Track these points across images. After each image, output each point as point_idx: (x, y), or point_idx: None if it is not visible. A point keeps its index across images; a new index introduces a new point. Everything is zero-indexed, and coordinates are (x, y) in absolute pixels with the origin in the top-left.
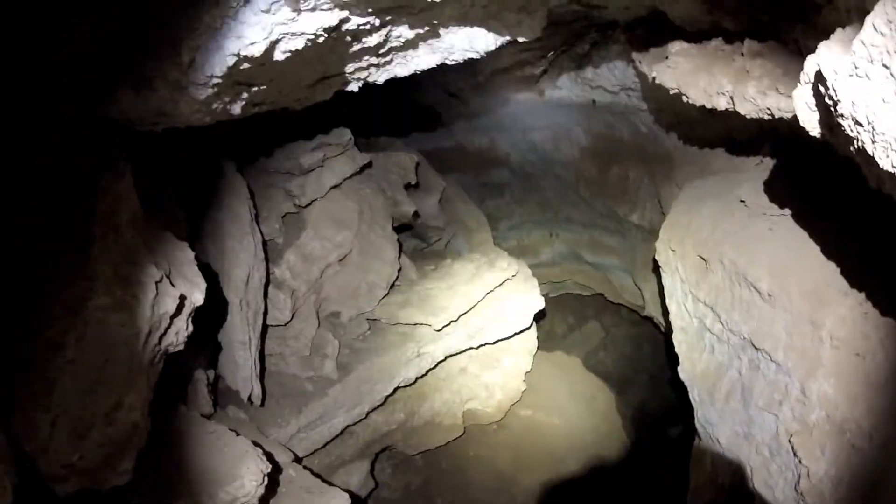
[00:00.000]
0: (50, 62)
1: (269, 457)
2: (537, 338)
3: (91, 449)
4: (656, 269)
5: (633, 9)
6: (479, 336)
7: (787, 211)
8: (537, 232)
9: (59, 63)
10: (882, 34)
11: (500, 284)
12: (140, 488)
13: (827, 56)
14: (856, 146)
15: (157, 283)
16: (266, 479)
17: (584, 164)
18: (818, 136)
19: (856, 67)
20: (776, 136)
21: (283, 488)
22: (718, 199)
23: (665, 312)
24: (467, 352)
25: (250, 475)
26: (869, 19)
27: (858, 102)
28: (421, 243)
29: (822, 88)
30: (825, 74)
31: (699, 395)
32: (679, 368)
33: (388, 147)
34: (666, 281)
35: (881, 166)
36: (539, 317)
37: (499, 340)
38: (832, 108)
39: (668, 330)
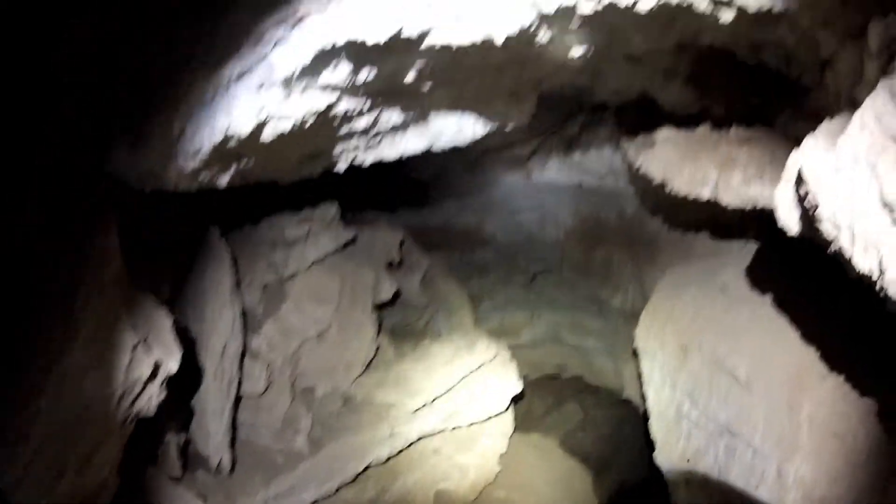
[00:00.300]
0: (53, 114)
1: None
2: (515, 418)
3: (62, 494)
4: (636, 353)
5: (624, 93)
6: (454, 418)
7: (769, 296)
8: (519, 313)
9: (59, 117)
10: (871, 132)
11: (478, 368)
12: None
13: (810, 153)
14: (835, 248)
15: (133, 347)
16: None
17: (568, 246)
18: (797, 235)
19: (838, 167)
20: (760, 219)
21: None
22: (700, 285)
23: (643, 397)
24: (441, 433)
25: None
26: (857, 116)
27: (840, 206)
28: (401, 321)
29: (802, 190)
30: (806, 177)
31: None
32: (655, 454)
33: (373, 222)
34: (644, 366)
35: (858, 269)
36: (518, 398)
37: (473, 423)
38: (812, 211)
39: (646, 415)
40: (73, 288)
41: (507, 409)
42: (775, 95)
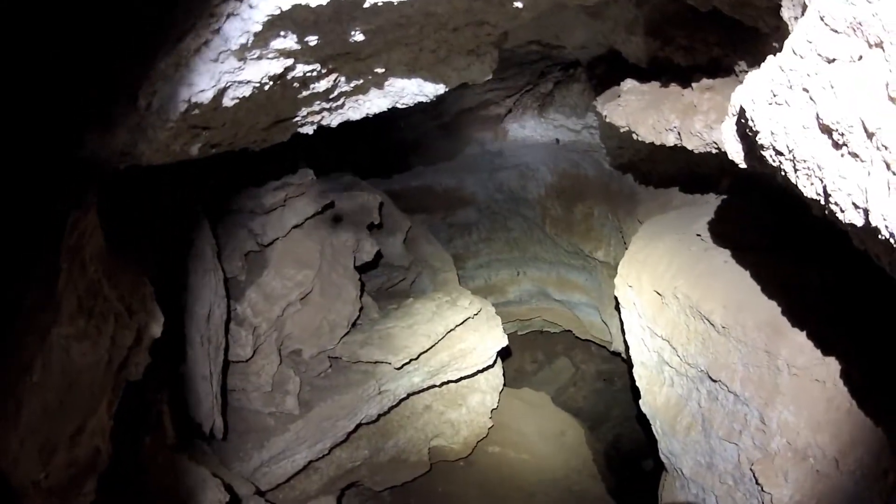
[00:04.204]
0: (23, 106)
1: (229, 488)
2: (506, 375)
3: (57, 469)
4: (617, 304)
5: (591, 48)
6: (441, 374)
7: (743, 243)
8: (505, 271)
9: (31, 105)
10: (801, 56)
11: (462, 323)
12: None
13: (750, 86)
14: (780, 175)
15: (116, 315)
16: None
17: (549, 202)
18: (746, 167)
19: (774, 95)
20: (735, 169)
21: None
22: (675, 233)
23: (626, 347)
24: (431, 390)
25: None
26: (788, 42)
27: (777, 131)
28: (385, 283)
29: (743, 120)
30: (745, 107)
31: (661, 427)
32: (640, 402)
33: (352, 187)
34: (624, 317)
35: (805, 195)
36: (507, 355)
37: (461, 378)
38: (754, 139)
39: (631, 364)
40: (55, 266)
41: (495, 363)
42: (736, 44)
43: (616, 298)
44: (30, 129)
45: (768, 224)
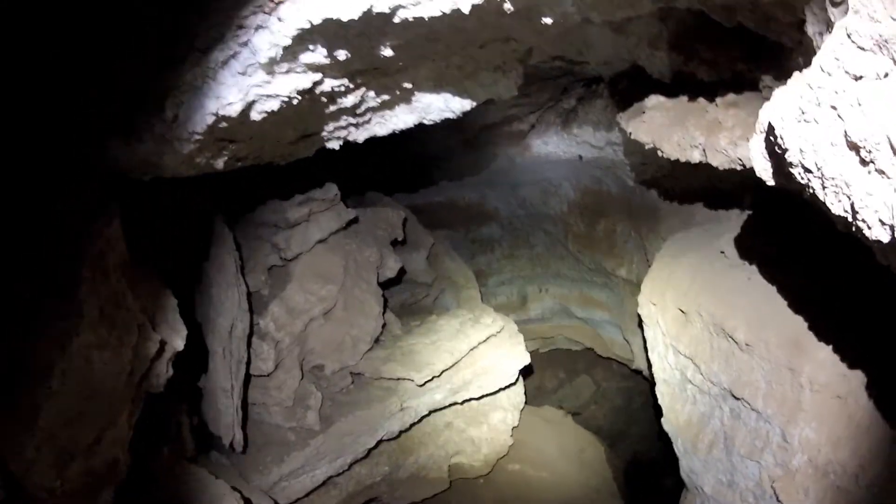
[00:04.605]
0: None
1: (248, 502)
2: (527, 393)
3: (73, 477)
4: (640, 321)
5: (614, 63)
6: (464, 392)
7: (765, 259)
8: (527, 287)
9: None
10: (829, 74)
11: (485, 340)
12: None
13: (778, 103)
14: (808, 193)
15: (139, 326)
16: None
17: (572, 218)
18: (775, 185)
19: (803, 112)
20: (758, 185)
21: None
22: (699, 251)
23: (649, 365)
24: (453, 407)
25: None
26: (816, 60)
27: (806, 149)
28: (409, 299)
29: (771, 137)
30: (773, 123)
31: (683, 445)
32: (662, 420)
33: (376, 203)
34: (648, 334)
35: (833, 211)
36: (528, 372)
37: (483, 396)
38: (782, 156)
39: (653, 382)
40: (76, 275)
41: (517, 381)
42: (760, 59)
43: (639, 316)
44: (54, 139)
45: (792, 240)
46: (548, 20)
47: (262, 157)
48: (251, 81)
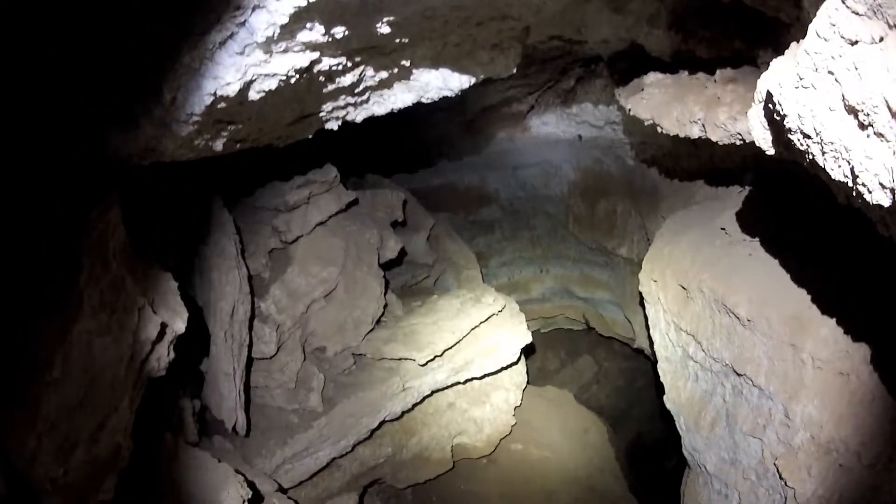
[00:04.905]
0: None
1: (252, 485)
2: (529, 373)
3: (76, 466)
4: (641, 299)
5: (613, 42)
6: (465, 371)
7: (766, 236)
8: (528, 269)
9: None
10: (825, 39)
11: (486, 320)
12: None
13: (776, 71)
14: (808, 159)
15: (139, 310)
16: (246, 503)
17: (572, 199)
18: (775, 154)
19: (801, 78)
20: (758, 163)
21: None
22: (699, 228)
23: (651, 343)
24: (455, 387)
25: (230, 500)
26: (812, 26)
27: (805, 114)
28: (410, 280)
29: (770, 105)
30: (771, 90)
31: (685, 423)
32: (665, 397)
33: (376, 185)
34: (649, 311)
35: (833, 177)
36: (530, 352)
37: (486, 375)
38: (781, 124)
39: (655, 360)
40: (77, 262)
41: (519, 360)
42: (758, 37)
43: (640, 294)
44: (53, 129)
45: (793, 217)
46: None
47: (261, 138)
48: (249, 61)
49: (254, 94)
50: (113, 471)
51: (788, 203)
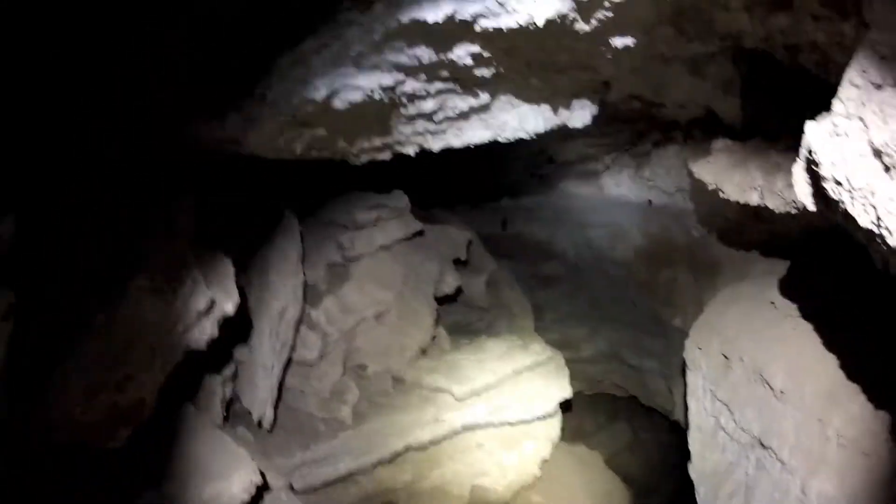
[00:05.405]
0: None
1: (263, 475)
2: (565, 431)
3: (95, 408)
4: (684, 367)
5: (689, 108)
6: (500, 413)
7: (813, 310)
8: (582, 328)
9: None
10: (857, 86)
11: (530, 367)
12: (136, 462)
13: (816, 125)
14: (840, 210)
15: (193, 282)
16: (253, 488)
17: (636, 264)
18: (815, 210)
19: (835, 126)
20: (814, 237)
21: None
22: (749, 300)
23: (685, 410)
24: (487, 429)
25: (239, 480)
26: (845, 74)
27: (837, 161)
28: (463, 320)
29: (809, 154)
30: (810, 144)
31: (704, 494)
32: (689, 466)
33: (444, 221)
34: (689, 379)
35: (860, 224)
36: (568, 409)
37: (520, 422)
38: (818, 173)
39: (687, 428)
40: (145, 230)
41: (555, 413)
42: (822, 103)
43: (683, 361)
44: (143, 115)
45: (842, 291)
46: (619, 44)
47: (339, 150)
48: (338, 72)
49: (339, 103)
50: (130, 422)
51: (838, 277)
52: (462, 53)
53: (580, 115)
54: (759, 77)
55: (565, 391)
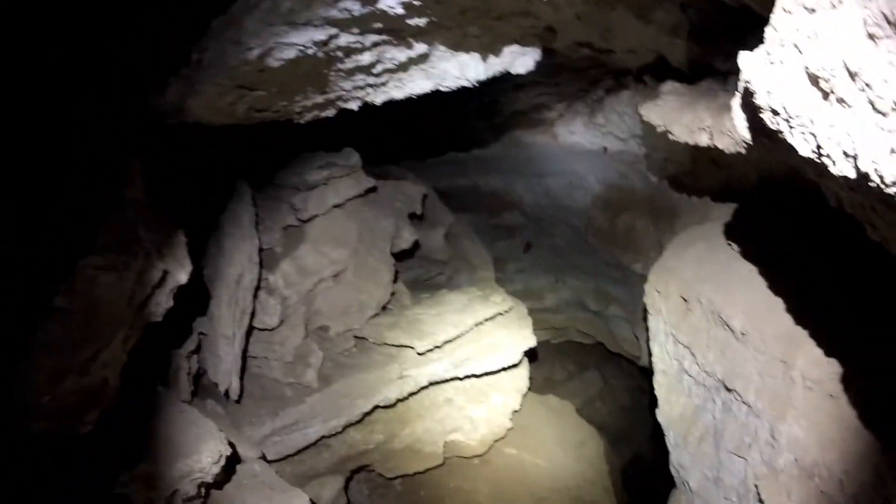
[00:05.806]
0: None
1: (233, 445)
2: (534, 382)
3: (63, 394)
4: (645, 311)
5: (640, 53)
6: (465, 366)
7: (772, 253)
8: (544, 277)
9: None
10: (789, 12)
11: (492, 318)
12: (107, 445)
13: (752, 53)
14: (778, 139)
15: (146, 254)
16: (224, 459)
17: (594, 212)
18: (751, 141)
19: (768, 54)
20: (772, 183)
21: (247, 481)
22: (707, 242)
23: (650, 355)
24: (453, 383)
25: (209, 452)
26: (778, 1)
27: (773, 90)
28: (423, 275)
29: (746, 86)
30: (745, 72)
31: (674, 438)
32: (657, 411)
33: (399, 177)
34: (651, 323)
35: (801, 154)
36: (538, 361)
37: (486, 374)
38: (754, 104)
39: (652, 373)
40: (94, 203)
41: (521, 363)
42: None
43: (644, 306)
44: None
45: (799, 234)
46: None
47: (281, 111)
48: (270, 30)
49: (273, 62)
50: (97, 404)
51: (795, 221)
52: (392, 3)
53: (523, 61)
54: (708, 21)
55: (529, 340)
